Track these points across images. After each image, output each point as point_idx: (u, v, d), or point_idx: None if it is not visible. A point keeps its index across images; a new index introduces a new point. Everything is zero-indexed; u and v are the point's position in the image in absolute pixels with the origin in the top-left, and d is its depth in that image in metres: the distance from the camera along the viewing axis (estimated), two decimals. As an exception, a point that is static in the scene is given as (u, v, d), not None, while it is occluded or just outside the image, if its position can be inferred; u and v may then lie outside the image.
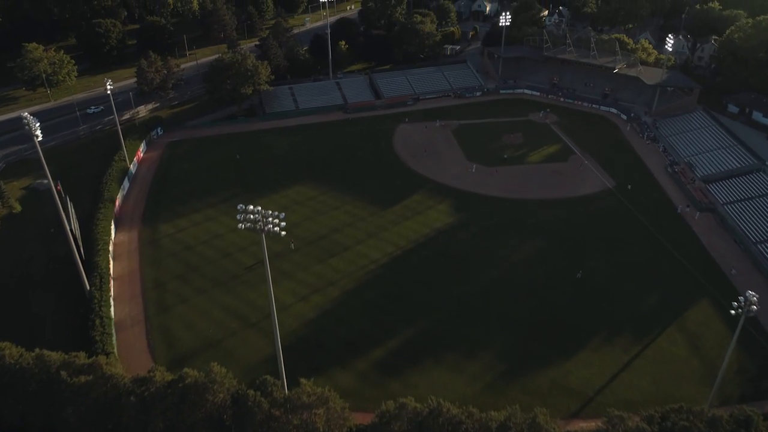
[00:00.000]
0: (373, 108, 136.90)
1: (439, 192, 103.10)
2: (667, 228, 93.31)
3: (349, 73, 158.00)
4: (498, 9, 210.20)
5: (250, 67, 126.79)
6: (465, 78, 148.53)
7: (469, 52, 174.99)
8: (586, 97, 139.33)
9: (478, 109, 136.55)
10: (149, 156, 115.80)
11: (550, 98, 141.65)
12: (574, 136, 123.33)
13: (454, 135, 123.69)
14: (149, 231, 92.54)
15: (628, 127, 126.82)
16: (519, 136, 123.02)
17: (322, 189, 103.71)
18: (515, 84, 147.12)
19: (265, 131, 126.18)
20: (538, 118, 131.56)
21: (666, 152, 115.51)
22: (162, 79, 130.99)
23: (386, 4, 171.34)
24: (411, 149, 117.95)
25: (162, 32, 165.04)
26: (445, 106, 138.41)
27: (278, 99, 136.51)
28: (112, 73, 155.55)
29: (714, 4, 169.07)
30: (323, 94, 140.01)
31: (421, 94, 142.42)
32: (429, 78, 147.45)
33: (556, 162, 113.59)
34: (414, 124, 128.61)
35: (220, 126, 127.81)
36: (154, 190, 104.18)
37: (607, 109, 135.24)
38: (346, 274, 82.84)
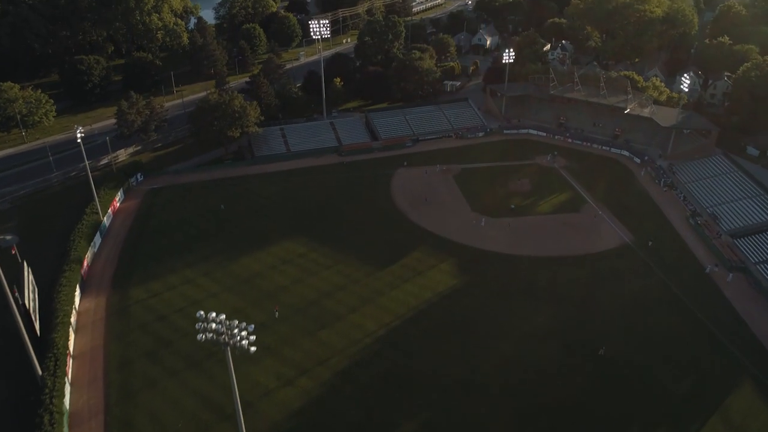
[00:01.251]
0: (370, 150, 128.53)
1: (442, 248, 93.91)
2: (696, 292, 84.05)
3: (344, 111, 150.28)
4: (498, 42, 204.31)
5: (238, 109, 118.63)
6: (466, 117, 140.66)
7: (469, 88, 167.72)
8: (595, 138, 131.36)
9: (482, 152, 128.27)
10: (126, 206, 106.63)
11: (557, 139, 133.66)
12: (586, 182, 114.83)
13: (457, 181, 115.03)
14: (119, 297, 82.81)
15: (643, 171, 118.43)
16: (526, 182, 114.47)
17: (313, 244, 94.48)
18: (520, 123, 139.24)
19: (254, 177, 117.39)
20: (546, 161, 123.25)
21: (686, 201, 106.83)
22: (144, 120, 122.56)
23: (383, 39, 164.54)
24: (410, 197, 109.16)
25: (148, 68, 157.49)
26: (446, 148, 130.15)
27: (268, 141, 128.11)
28: (94, 111, 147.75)
29: (724, 39, 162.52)
30: (316, 135, 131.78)
31: (420, 135, 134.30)
32: (428, 117, 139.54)
33: (567, 212, 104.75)
34: (413, 169, 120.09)
35: (204, 171, 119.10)
36: (128, 246, 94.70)
37: (619, 151, 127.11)
38: (338, 350, 73.07)
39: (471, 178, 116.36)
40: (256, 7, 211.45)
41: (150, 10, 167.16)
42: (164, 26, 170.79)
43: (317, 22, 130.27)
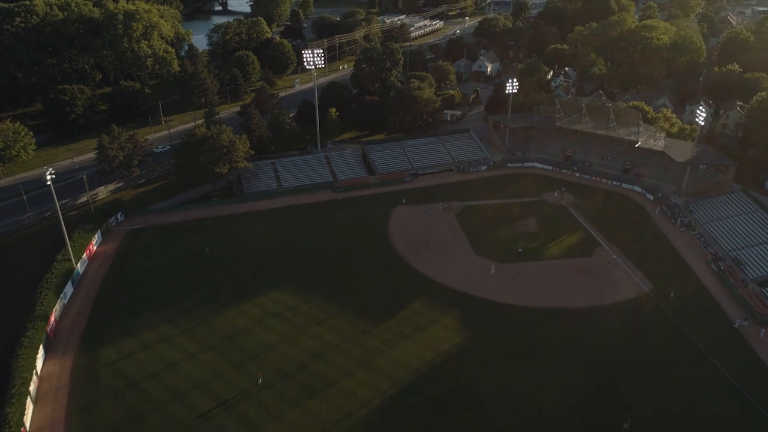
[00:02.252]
0: (366, 186, 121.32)
1: (444, 299, 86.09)
2: (726, 351, 76.14)
3: (339, 143, 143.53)
4: (500, 69, 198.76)
5: (226, 143, 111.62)
6: (468, 150, 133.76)
7: (470, 117, 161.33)
8: (604, 173, 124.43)
9: (485, 188, 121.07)
10: (104, 249, 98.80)
11: (563, 173, 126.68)
12: (596, 221, 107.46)
13: (459, 221, 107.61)
14: (87, 358, 74.62)
15: (657, 209, 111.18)
16: (533, 222, 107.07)
17: (304, 295, 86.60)
18: (524, 156, 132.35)
19: (242, 216, 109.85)
20: (553, 198, 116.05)
21: (706, 244, 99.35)
22: (127, 155, 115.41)
23: (380, 67, 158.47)
24: (410, 239, 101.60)
25: (135, 98, 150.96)
26: (447, 183, 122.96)
27: (259, 176, 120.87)
28: (78, 143, 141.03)
29: (733, 66, 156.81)
30: (310, 170, 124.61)
31: (419, 169, 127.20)
32: (428, 150, 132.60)
33: (579, 256, 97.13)
34: (412, 207, 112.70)
35: (190, 209, 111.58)
36: (102, 297, 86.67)
37: (630, 187, 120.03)
38: (330, 424, 64.82)
39: (474, 218, 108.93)
40: (251, 33, 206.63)
41: (139, 37, 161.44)
42: (154, 53, 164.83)
43: (311, 51, 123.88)
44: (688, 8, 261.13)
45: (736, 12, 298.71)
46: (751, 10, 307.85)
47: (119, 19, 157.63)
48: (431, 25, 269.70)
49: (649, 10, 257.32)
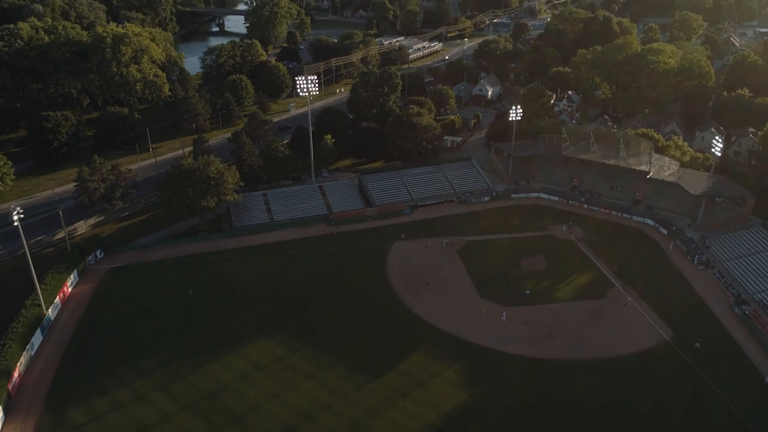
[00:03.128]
0: (363, 219, 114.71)
1: (447, 348, 79.07)
2: (760, 413, 68.91)
3: (335, 171, 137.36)
4: (500, 93, 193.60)
5: (214, 175, 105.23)
6: (470, 179, 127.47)
7: (471, 143, 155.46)
8: (614, 204, 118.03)
9: (488, 220, 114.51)
10: (79, 291, 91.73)
11: (571, 204, 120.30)
12: (608, 258, 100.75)
13: (462, 258, 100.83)
14: (52, 421, 67.31)
15: (671, 245, 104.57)
16: (541, 259, 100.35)
17: (294, 344, 79.55)
18: (529, 186, 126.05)
19: (231, 252, 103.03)
20: (561, 232, 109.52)
21: (727, 284, 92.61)
22: (109, 187, 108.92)
23: (378, 92, 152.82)
24: (410, 279, 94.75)
25: (123, 124, 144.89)
26: (448, 216, 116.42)
27: (249, 209, 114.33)
28: (60, 172, 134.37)
29: (743, 91, 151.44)
30: (303, 201, 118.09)
31: (419, 200, 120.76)
32: (428, 180, 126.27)
33: (591, 298, 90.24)
34: (412, 242, 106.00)
35: (175, 245, 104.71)
36: (73, 347, 79.46)
37: (641, 219, 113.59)
38: (319, 503, 57.47)
39: (477, 254, 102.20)
40: (245, 56, 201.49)
41: (128, 61, 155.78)
42: (143, 78, 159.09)
43: (304, 78, 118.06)
44: (691, 30, 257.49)
45: (737, 33, 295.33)
46: (752, 32, 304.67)
47: (108, 42, 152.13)
48: (430, 47, 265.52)
49: (650, 32, 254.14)
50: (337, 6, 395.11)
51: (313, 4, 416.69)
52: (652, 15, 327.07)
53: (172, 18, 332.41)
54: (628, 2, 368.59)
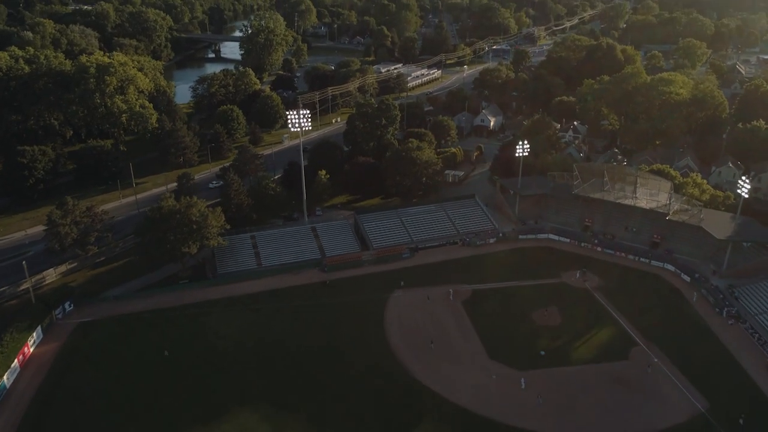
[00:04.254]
0: (359, 264, 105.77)
1: (455, 424, 69.56)
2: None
3: (330, 208, 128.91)
4: (503, 123, 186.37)
5: (197, 218, 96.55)
6: (474, 218, 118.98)
7: (474, 178, 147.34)
8: (629, 247, 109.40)
9: (495, 265, 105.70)
10: (42, 352, 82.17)
11: (583, 247, 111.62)
12: (628, 310, 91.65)
13: (467, 310, 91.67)
14: None
15: (695, 295, 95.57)
16: (554, 312, 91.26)
17: (277, 419, 70.08)
18: (537, 226, 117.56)
19: (214, 304, 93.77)
20: (575, 280, 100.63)
21: (762, 342, 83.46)
22: (82, 231, 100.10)
23: (375, 124, 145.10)
24: (411, 337, 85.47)
25: (105, 158, 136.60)
26: (452, 260, 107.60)
27: (236, 253, 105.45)
28: (36, 210, 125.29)
29: (759, 123, 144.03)
30: (294, 244, 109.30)
31: (419, 242, 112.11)
32: (429, 220, 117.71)
33: (613, 360, 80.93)
34: (413, 292, 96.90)
35: (153, 295, 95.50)
36: (27, 424, 69.69)
37: (661, 264, 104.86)
38: None
39: (485, 306, 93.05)
40: (238, 84, 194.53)
41: (113, 91, 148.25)
42: (129, 109, 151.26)
43: (295, 113, 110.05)
44: (695, 57, 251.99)
45: (740, 60, 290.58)
46: (756, 58, 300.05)
47: (91, 72, 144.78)
48: (429, 74, 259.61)
49: (653, 59, 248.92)
50: (334, 32, 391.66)
51: (310, 30, 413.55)
52: (653, 42, 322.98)
53: (167, 45, 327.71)
54: (627, 29, 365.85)
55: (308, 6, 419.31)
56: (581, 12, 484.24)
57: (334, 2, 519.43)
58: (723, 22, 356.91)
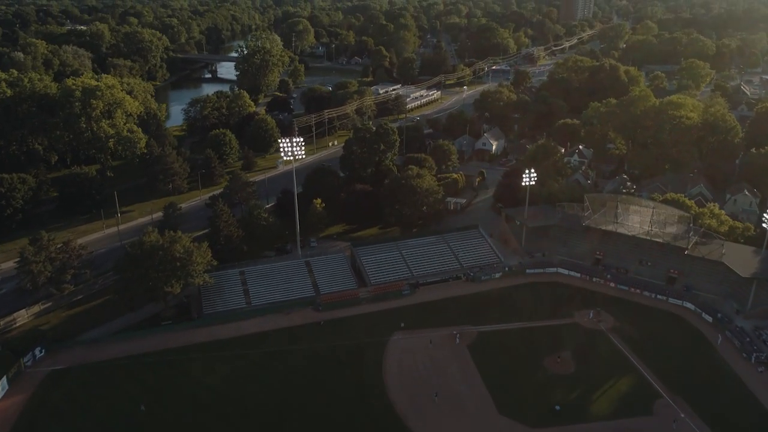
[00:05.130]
0: (356, 302, 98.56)
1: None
2: None
3: (325, 239, 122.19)
4: (505, 146, 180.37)
5: (181, 255, 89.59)
6: (478, 251, 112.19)
7: (476, 205, 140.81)
8: (644, 283, 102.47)
9: (502, 304, 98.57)
10: (6, 407, 74.52)
11: (595, 282, 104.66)
12: (647, 355, 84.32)
13: (474, 356, 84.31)
14: None
15: (720, 338, 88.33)
16: (568, 358, 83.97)
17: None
18: (545, 259, 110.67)
19: (198, 348, 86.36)
20: (588, 320, 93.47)
21: (798, 394, 76.19)
22: (57, 268, 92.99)
23: (373, 149, 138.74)
24: (412, 387, 78.05)
25: (89, 185, 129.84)
26: (455, 298, 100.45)
27: (223, 291, 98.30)
28: (15, 242, 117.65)
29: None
30: (286, 280, 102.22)
31: (420, 278, 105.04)
32: (431, 252, 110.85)
33: (634, 415, 73.41)
34: (414, 334, 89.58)
35: (132, 339, 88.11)
36: (-19, 494, 62.22)
37: (679, 302, 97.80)
38: None
39: (492, 352, 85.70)
40: (232, 107, 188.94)
41: (99, 115, 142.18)
42: (116, 133, 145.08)
43: (288, 141, 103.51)
44: (699, 78, 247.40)
45: (743, 81, 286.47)
46: (759, 79, 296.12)
47: (77, 96, 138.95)
48: (428, 95, 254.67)
49: (656, 80, 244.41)
50: (332, 53, 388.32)
51: (307, 50, 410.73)
52: (653, 62, 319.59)
53: (162, 65, 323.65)
54: (627, 49, 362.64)
55: (306, 26, 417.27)
56: (580, 32, 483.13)
57: (332, 22, 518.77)
58: (724, 42, 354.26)
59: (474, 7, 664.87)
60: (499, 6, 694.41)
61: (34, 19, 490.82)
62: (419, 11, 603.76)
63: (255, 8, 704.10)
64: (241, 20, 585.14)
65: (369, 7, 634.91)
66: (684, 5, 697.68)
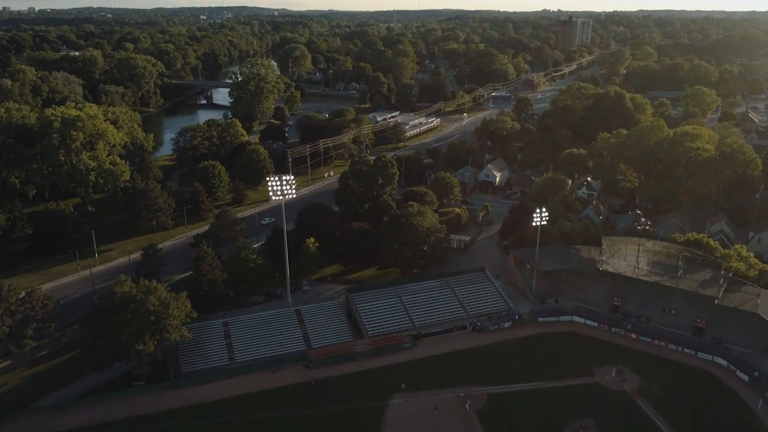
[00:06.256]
0: (352, 356, 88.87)
1: None
2: None
3: (318, 282, 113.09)
4: (509, 178, 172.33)
5: (156, 307, 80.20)
6: (485, 297, 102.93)
7: (481, 243, 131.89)
8: (669, 334, 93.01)
9: (513, 359, 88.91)
10: (-55, 491, 64.56)
11: (614, 333, 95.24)
12: (680, 423, 74.64)
13: (484, 426, 74.43)
14: None
15: (760, 401, 78.56)
16: (590, 428, 74.05)
17: None
18: (558, 306, 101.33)
19: (173, 415, 76.45)
20: (610, 378, 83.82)
21: None
22: (18, 322, 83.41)
23: (371, 183, 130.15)
24: (413, 465, 68.14)
25: (65, 222, 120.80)
26: (461, 351, 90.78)
27: (203, 346, 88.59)
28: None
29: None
30: (275, 332, 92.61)
31: (422, 328, 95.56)
32: (433, 299, 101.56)
33: (674, 501, 63.63)
34: (416, 398, 79.68)
35: (98, 404, 78.21)
36: None
37: (710, 357, 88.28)
38: None
39: (505, 419, 75.88)
40: (224, 136, 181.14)
41: (79, 147, 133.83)
42: (98, 166, 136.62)
43: (276, 179, 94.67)
44: (705, 105, 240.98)
45: (749, 107, 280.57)
46: (765, 105, 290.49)
47: (55, 127, 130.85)
48: (427, 123, 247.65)
49: (661, 107, 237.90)
50: (329, 78, 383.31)
51: (304, 76, 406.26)
52: (655, 88, 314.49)
53: (156, 91, 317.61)
54: (629, 75, 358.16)
55: (303, 52, 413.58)
56: (579, 57, 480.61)
57: (329, 48, 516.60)
58: (726, 68, 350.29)
59: (472, 33, 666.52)
60: (496, 32, 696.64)
61: (29, 45, 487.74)
62: (417, 37, 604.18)
63: (253, 34, 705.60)
64: (239, 46, 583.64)
65: (367, 32, 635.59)
66: (681, 31, 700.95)
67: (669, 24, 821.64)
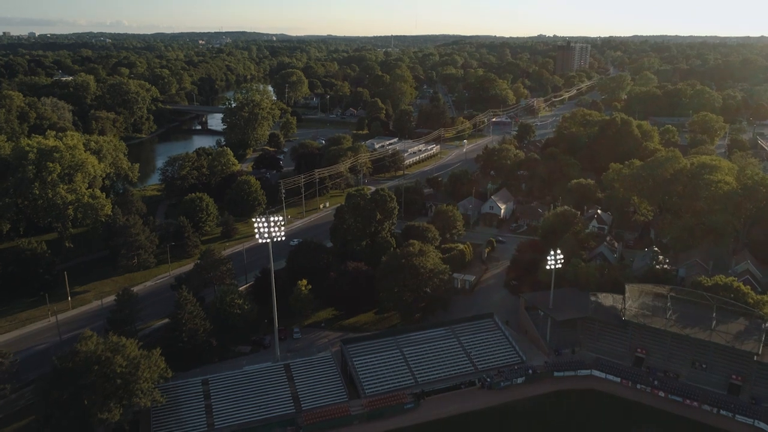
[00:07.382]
0: (346, 420, 78.76)
1: None
2: None
3: (311, 328, 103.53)
4: (514, 209, 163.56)
5: (123, 369, 70.30)
6: (495, 347, 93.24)
7: (487, 283, 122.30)
8: (700, 391, 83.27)
9: (528, 422, 79.10)
10: None
11: (639, 390, 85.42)
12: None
13: None
14: None
15: (814, 477, 68.92)
16: None
17: None
18: (576, 358, 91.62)
19: (138, 496, 66.22)
20: (640, 449, 73.97)
21: None
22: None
23: (369, 218, 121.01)
24: None
25: (35, 263, 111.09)
26: (470, 414, 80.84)
27: (179, 409, 78.47)
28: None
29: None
30: (260, 391, 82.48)
31: (425, 384, 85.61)
32: (437, 350, 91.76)
33: None
34: (419, 473, 69.81)
35: (54, 483, 67.91)
36: None
37: (750, 421, 78.48)
38: None
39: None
40: (214, 165, 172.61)
41: (56, 180, 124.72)
42: (77, 199, 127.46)
43: (263, 220, 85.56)
44: (713, 131, 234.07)
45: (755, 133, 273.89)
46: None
47: (30, 158, 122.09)
48: (427, 150, 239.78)
49: (668, 134, 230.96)
50: (326, 104, 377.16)
51: (301, 101, 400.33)
52: (658, 114, 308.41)
53: (149, 117, 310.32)
54: (630, 100, 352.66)
55: (299, 77, 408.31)
56: (578, 83, 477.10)
57: (327, 73, 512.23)
58: (729, 93, 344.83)
59: (470, 58, 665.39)
60: (494, 57, 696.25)
61: (24, 69, 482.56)
62: (415, 62, 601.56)
63: (251, 59, 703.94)
64: (236, 71, 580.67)
65: (365, 57, 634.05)
66: (678, 56, 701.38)
67: (666, 49, 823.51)
